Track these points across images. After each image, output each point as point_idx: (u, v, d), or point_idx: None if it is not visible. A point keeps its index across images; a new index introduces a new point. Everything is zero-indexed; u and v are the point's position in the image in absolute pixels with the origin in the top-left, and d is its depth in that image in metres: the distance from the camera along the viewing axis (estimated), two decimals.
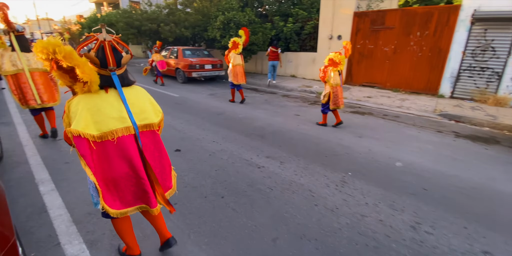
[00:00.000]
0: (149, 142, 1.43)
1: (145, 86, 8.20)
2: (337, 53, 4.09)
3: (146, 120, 1.38)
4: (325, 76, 4.24)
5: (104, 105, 1.25)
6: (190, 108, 5.70)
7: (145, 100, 1.43)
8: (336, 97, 4.29)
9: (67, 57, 1.11)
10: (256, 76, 10.47)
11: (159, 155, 1.49)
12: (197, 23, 10.52)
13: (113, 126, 1.26)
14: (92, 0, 28.90)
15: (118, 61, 1.28)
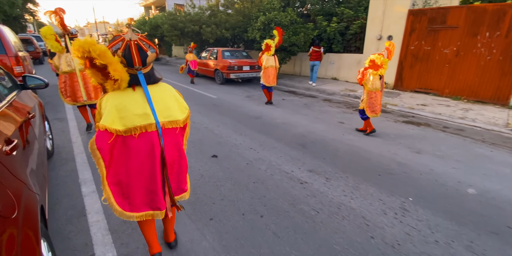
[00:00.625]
0: (171, 141, 1.42)
1: (184, 86, 8.34)
2: (379, 54, 3.70)
3: (170, 117, 1.38)
4: (363, 78, 3.88)
5: (130, 102, 1.29)
6: (227, 110, 5.58)
7: (170, 97, 1.42)
8: (374, 103, 3.91)
9: (101, 56, 1.15)
10: (294, 78, 10.11)
11: (179, 155, 1.47)
12: (238, 24, 10.49)
13: (137, 122, 1.29)
14: (142, 4, 30.97)
15: (144, 60, 1.29)
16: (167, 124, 1.37)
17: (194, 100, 6.50)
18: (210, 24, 10.63)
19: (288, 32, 8.50)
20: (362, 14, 8.92)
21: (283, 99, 6.98)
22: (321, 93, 7.84)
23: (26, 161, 1.45)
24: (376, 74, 3.79)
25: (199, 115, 5.15)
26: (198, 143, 3.74)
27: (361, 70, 3.95)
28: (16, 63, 4.59)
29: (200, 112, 5.42)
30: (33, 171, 1.50)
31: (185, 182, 1.57)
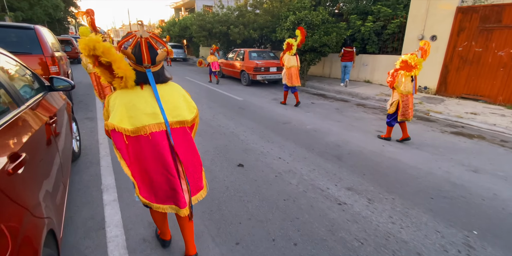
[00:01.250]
0: (181, 140, 1.40)
1: (209, 87, 8.25)
2: (412, 54, 3.39)
3: (179, 117, 1.37)
4: (394, 81, 3.59)
5: (138, 101, 1.27)
6: (253, 114, 5.34)
7: (179, 97, 1.40)
8: (405, 107, 3.63)
9: (105, 53, 1.14)
10: (323, 80, 9.64)
11: (192, 153, 1.45)
12: (266, 24, 10.24)
13: (146, 121, 1.27)
14: (172, 6, 31.94)
15: (153, 58, 1.26)
16: (175, 124, 1.36)
17: (219, 102, 6.34)
18: (237, 25, 10.49)
19: (319, 32, 8.09)
20: (402, 12, 8.25)
21: (312, 102, 6.60)
22: (354, 97, 7.33)
23: (38, 179, 1.29)
24: (408, 75, 3.48)
25: (225, 119, 4.96)
26: (224, 149, 3.52)
27: (391, 71, 3.66)
28: (52, 63, 4.70)
29: (226, 115, 5.22)
30: (48, 190, 1.33)
31: (201, 180, 1.54)
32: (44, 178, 1.37)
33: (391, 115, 3.79)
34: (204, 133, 4.13)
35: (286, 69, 5.72)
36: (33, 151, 1.34)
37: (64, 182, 1.92)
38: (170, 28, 20.16)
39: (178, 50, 18.87)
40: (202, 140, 3.83)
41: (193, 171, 1.46)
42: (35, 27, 4.66)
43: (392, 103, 3.72)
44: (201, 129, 4.33)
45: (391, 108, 3.73)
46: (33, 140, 1.39)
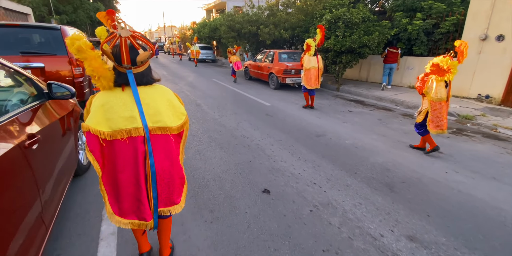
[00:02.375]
0: (161, 147, 1.29)
1: (235, 90, 7.81)
2: (445, 57, 3.03)
3: (159, 123, 1.26)
4: (423, 86, 3.24)
5: (116, 103, 1.20)
6: (282, 123, 4.76)
7: (163, 101, 1.28)
8: (438, 117, 3.24)
9: (78, 50, 1.13)
10: (360, 84, 8.75)
11: (170, 164, 1.33)
12: (298, 24, 9.60)
13: (123, 125, 1.20)
14: (204, 8, 32.46)
15: (133, 58, 1.17)
16: (156, 130, 1.26)
17: (245, 107, 5.85)
18: (268, 25, 9.97)
19: (358, 31, 7.28)
20: (459, 8, 7.14)
21: (349, 110, 5.85)
22: (398, 105, 6.42)
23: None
24: (441, 80, 3.12)
25: (250, 127, 4.44)
26: (247, 168, 2.99)
27: (421, 76, 3.31)
28: (77, 64, 4.55)
29: (251, 123, 4.71)
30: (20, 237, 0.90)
31: (178, 195, 1.41)
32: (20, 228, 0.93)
33: (419, 124, 3.42)
34: (227, 145, 3.64)
35: (305, 70, 5.47)
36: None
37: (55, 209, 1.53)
38: (200, 30, 20.30)
39: (208, 51, 18.85)
40: (224, 154, 3.35)
41: (168, 182, 1.34)
42: (61, 27, 4.54)
43: (422, 111, 3.36)
44: (224, 140, 3.86)
45: (419, 116, 3.38)
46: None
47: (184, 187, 1.44)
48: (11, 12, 11.66)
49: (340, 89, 8.27)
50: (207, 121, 4.75)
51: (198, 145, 3.63)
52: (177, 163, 1.36)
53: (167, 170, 1.32)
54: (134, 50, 1.17)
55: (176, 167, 1.35)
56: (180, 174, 1.39)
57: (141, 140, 1.23)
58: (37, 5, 16.08)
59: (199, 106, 5.86)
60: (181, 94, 7.14)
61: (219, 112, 5.38)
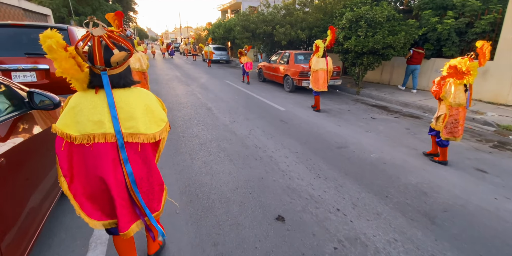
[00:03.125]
0: (136, 156, 1.21)
1: (249, 93, 7.46)
2: (464, 58, 2.84)
3: (132, 129, 1.16)
4: (440, 91, 3.03)
5: (86, 106, 1.13)
6: (298, 131, 4.35)
7: (139, 106, 1.19)
8: (454, 123, 3.03)
9: (49, 49, 1.06)
10: (382, 88, 8.18)
11: (148, 171, 1.27)
12: (316, 23, 9.12)
13: (91, 129, 1.13)
14: (219, 9, 32.46)
15: (107, 59, 1.10)
16: (128, 137, 1.16)
17: (258, 112, 5.48)
18: (284, 24, 9.56)
19: (382, 31, 6.74)
20: (496, 6, 6.45)
21: (372, 117, 5.35)
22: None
23: None
24: (460, 84, 2.89)
25: (263, 136, 4.07)
26: (258, 186, 2.62)
27: (437, 80, 3.10)
28: None
29: (264, 130, 4.33)
30: None
31: (158, 202, 1.35)
32: None
33: (436, 130, 3.18)
34: (236, 157, 3.29)
35: (313, 72, 5.33)
36: None
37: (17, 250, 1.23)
38: (214, 30, 20.17)
39: (222, 52, 18.66)
40: (233, 168, 2.99)
41: (147, 190, 1.29)
42: (68, 27, 4.35)
43: (439, 117, 3.10)
44: (234, 150, 3.51)
45: (438, 123, 3.12)
46: None
47: (163, 193, 1.40)
48: (31, 13, 11.94)
49: (360, 92, 7.74)
50: (217, 128, 4.42)
51: (206, 156, 3.30)
52: (155, 171, 1.30)
53: (145, 178, 1.26)
54: (108, 50, 1.09)
55: (154, 175, 1.30)
56: (159, 181, 1.34)
57: (109, 146, 1.15)
58: (57, 7, 16.48)
59: (210, 110, 5.55)
60: (192, 97, 6.88)
61: (230, 117, 5.05)
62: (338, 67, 7.72)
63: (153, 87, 8.20)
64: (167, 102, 6.18)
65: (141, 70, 3.82)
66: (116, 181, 1.18)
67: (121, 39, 1.13)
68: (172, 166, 3.02)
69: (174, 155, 3.31)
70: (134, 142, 1.18)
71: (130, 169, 1.18)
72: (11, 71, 3.96)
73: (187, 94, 7.29)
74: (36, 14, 12.60)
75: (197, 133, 4.12)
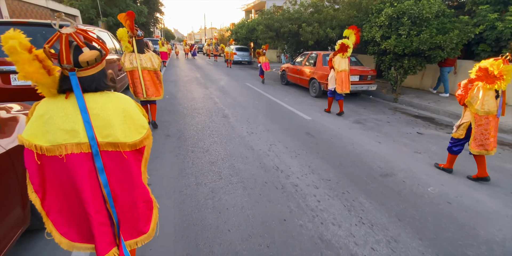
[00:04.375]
0: (115, 166, 1.09)
1: (271, 98, 6.77)
2: (497, 60, 2.44)
3: (109, 138, 1.06)
4: (466, 95, 2.62)
5: (57, 113, 1.02)
6: (328, 148, 3.60)
7: (117, 112, 1.08)
8: (484, 134, 2.59)
9: (10, 51, 0.95)
10: (424, 95, 7.13)
11: (130, 185, 1.13)
12: (348, 21, 8.23)
13: (63, 139, 1.01)
14: (243, 9, 32.15)
15: (75, 58, 1.01)
16: (106, 146, 1.06)
17: (280, 121, 4.79)
18: (311, 22, 8.76)
19: (430, 29, 5.76)
20: None
21: (418, 132, 4.44)
22: None
23: None
24: (490, 89, 2.51)
25: (285, 153, 3.38)
26: (279, 233, 1.94)
27: (463, 83, 2.74)
28: None
29: (287, 146, 3.64)
30: None
31: (145, 222, 1.19)
32: None
33: (456, 140, 2.85)
34: (252, 183, 2.63)
35: (337, 73, 4.99)
36: None
37: None
38: (237, 30, 19.73)
39: (244, 53, 18.15)
40: (247, 201, 2.34)
41: (130, 207, 1.14)
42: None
43: (461, 125, 2.76)
44: (250, 172, 2.86)
45: (458, 131, 2.79)
46: None
47: (153, 212, 1.22)
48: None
49: (398, 100, 6.76)
50: (232, 140, 3.79)
51: (215, 181, 2.67)
52: (139, 184, 1.15)
53: (126, 192, 1.12)
54: (77, 49, 1.00)
55: (138, 189, 1.15)
56: (145, 197, 1.18)
57: (84, 157, 1.04)
58: (86, 8, 16.88)
59: (226, 118, 4.95)
60: (209, 101, 6.34)
61: (248, 127, 4.40)
62: (373, 70, 6.81)
63: (171, 89, 7.80)
64: (181, 107, 5.68)
65: (153, 69, 3.81)
66: (93, 196, 1.06)
67: (95, 39, 1.06)
68: (173, 194, 2.43)
69: (178, 178, 2.72)
70: (112, 151, 1.08)
71: (106, 179, 1.07)
72: (10, 74, 3.63)
73: (204, 98, 6.77)
74: (64, 15, 12.85)
75: (208, 148, 3.52)
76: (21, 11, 9.24)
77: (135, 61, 3.65)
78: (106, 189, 1.08)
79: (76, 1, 16.56)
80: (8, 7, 8.36)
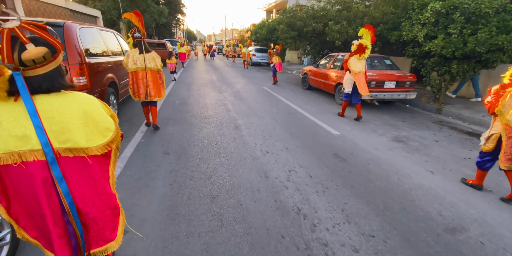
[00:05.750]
0: (77, 174, 1.01)
1: (291, 106, 5.98)
2: None
3: (68, 143, 0.98)
4: (497, 103, 2.32)
5: (7, 118, 0.94)
6: (364, 179, 2.78)
7: (77, 114, 1.00)
8: None
9: None
10: (473, 105, 6.02)
11: (94, 193, 1.06)
12: (383, 19, 7.25)
13: (14, 147, 0.94)
14: (264, 9, 31.55)
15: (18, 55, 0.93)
16: (65, 152, 0.98)
17: (301, 136, 4.00)
18: (339, 20, 7.86)
19: (488, 27, 4.73)
20: None
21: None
22: None
23: None
24: None
25: (310, 186, 2.60)
26: None
27: (495, 88, 2.38)
28: (80, 72, 3.40)
29: (312, 174, 2.86)
30: None
31: (111, 229, 1.14)
32: None
33: (484, 153, 2.50)
34: (264, 238, 1.89)
35: (354, 74, 4.67)
36: None
37: None
38: (257, 31, 19.09)
39: (263, 54, 17.43)
40: None
41: (96, 217, 1.06)
42: (66, 24, 3.43)
43: (490, 137, 2.43)
44: (261, 217, 2.12)
45: (487, 143, 2.46)
46: None
47: (119, 218, 1.17)
48: (79, 14, 12.15)
49: (443, 111, 5.72)
50: (242, 163, 3.08)
51: (213, 230, 1.96)
52: (105, 191, 1.09)
53: (91, 201, 1.05)
54: (21, 46, 0.92)
55: (104, 196, 1.08)
56: (111, 204, 1.12)
57: (42, 165, 0.96)
58: (108, 9, 16.99)
59: (238, 130, 4.25)
60: (221, 108, 5.68)
61: (263, 144, 3.68)
62: (412, 76, 5.82)
63: (183, 93, 7.26)
64: (190, 115, 5.06)
65: (156, 69, 3.76)
66: (50, 207, 0.98)
67: (46, 34, 0.96)
68: (153, 252, 1.75)
69: (165, 222, 2.04)
70: (73, 158, 0.99)
71: (67, 189, 0.98)
72: None
73: (216, 104, 6.13)
74: (85, 16, 12.86)
75: (211, 173, 2.82)
76: (38, 11, 9.17)
77: (139, 62, 3.62)
78: (68, 199, 0.99)
79: (99, 3, 16.70)
80: (25, 7, 8.27)
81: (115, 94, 4.42)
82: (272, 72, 9.39)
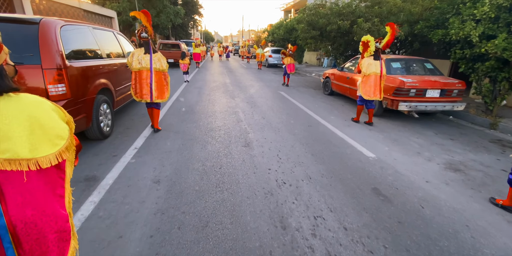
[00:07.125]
0: (16, 190, 0.84)
1: (314, 117, 5.15)
2: None
3: (8, 153, 0.81)
4: None
5: None
6: (420, 235, 1.95)
7: (20, 120, 0.83)
8: None
9: None
10: None
11: (36, 212, 0.87)
12: (423, 15, 6.24)
13: None
14: (282, 8, 30.73)
15: None
16: (4, 164, 0.81)
17: (328, 161, 3.18)
18: (370, 18, 6.93)
19: None
20: None
21: None
22: None
23: None
24: None
25: (346, 245, 1.80)
26: None
27: None
28: (58, 79, 2.79)
29: (347, 224, 2.06)
30: None
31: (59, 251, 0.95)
32: None
33: None
34: None
35: (365, 76, 4.42)
36: None
37: None
38: (274, 31, 18.32)
39: (280, 55, 16.64)
40: None
41: (38, 239, 0.88)
42: (42, 21, 2.81)
43: None
44: None
45: None
46: None
47: (69, 244, 0.96)
48: (93, 15, 11.94)
49: (499, 126, 4.68)
50: (250, 199, 2.33)
51: None
52: (49, 211, 0.90)
53: (31, 221, 0.87)
54: None
55: (47, 217, 0.90)
56: (57, 227, 0.92)
57: None
58: (124, 10, 16.87)
59: (249, 148, 3.51)
60: (232, 118, 4.97)
61: (278, 170, 2.91)
62: (461, 83, 4.83)
63: (191, 99, 6.63)
64: (194, 126, 4.39)
65: (161, 70, 3.70)
66: None
67: None
68: None
69: None
70: (12, 171, 0.82)
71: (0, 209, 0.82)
72: None
73: (227, 112, 5.43)
74: (100, 16, 12.67)
75: (208, 219, 2.09)
76: (49, 11, 8.92)
77: (144, 62, 3.54)
78: (1, 220, 0.83)
79: (116, 3, 16.61)
80: (34, 6, 8.00)
81: (109, 103, 3.81)
82: (284, 73, 9.12)
